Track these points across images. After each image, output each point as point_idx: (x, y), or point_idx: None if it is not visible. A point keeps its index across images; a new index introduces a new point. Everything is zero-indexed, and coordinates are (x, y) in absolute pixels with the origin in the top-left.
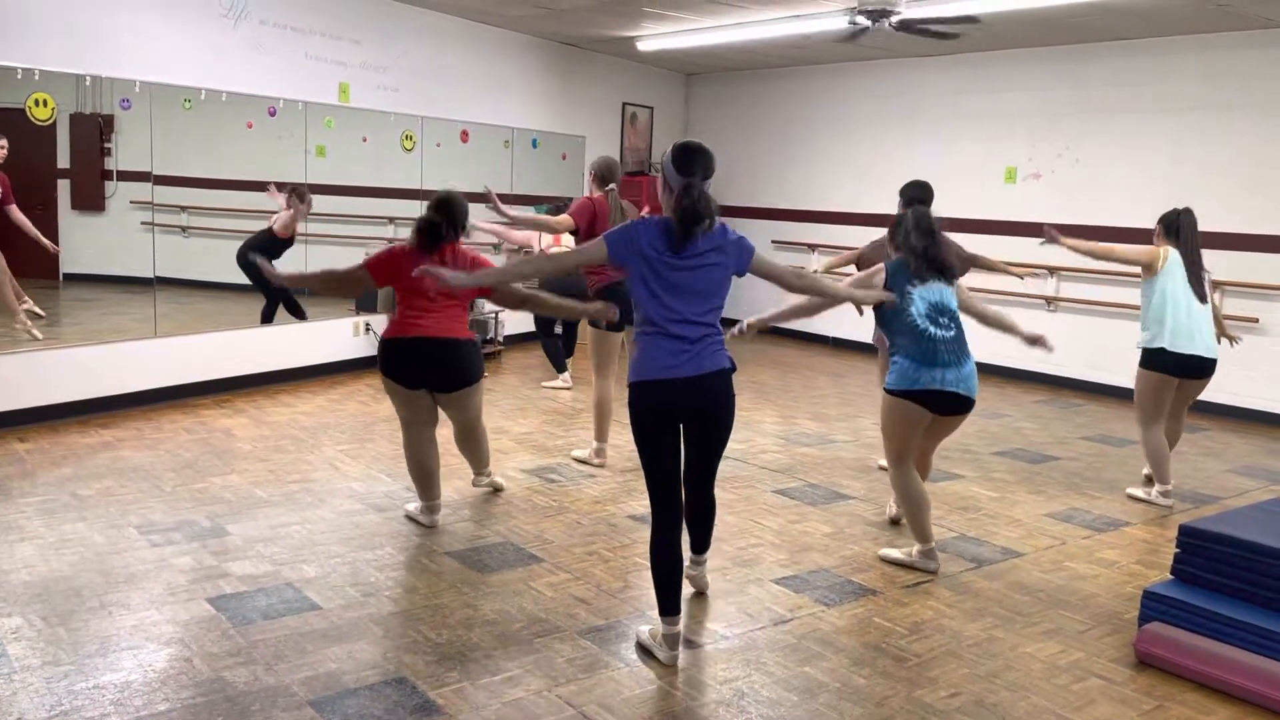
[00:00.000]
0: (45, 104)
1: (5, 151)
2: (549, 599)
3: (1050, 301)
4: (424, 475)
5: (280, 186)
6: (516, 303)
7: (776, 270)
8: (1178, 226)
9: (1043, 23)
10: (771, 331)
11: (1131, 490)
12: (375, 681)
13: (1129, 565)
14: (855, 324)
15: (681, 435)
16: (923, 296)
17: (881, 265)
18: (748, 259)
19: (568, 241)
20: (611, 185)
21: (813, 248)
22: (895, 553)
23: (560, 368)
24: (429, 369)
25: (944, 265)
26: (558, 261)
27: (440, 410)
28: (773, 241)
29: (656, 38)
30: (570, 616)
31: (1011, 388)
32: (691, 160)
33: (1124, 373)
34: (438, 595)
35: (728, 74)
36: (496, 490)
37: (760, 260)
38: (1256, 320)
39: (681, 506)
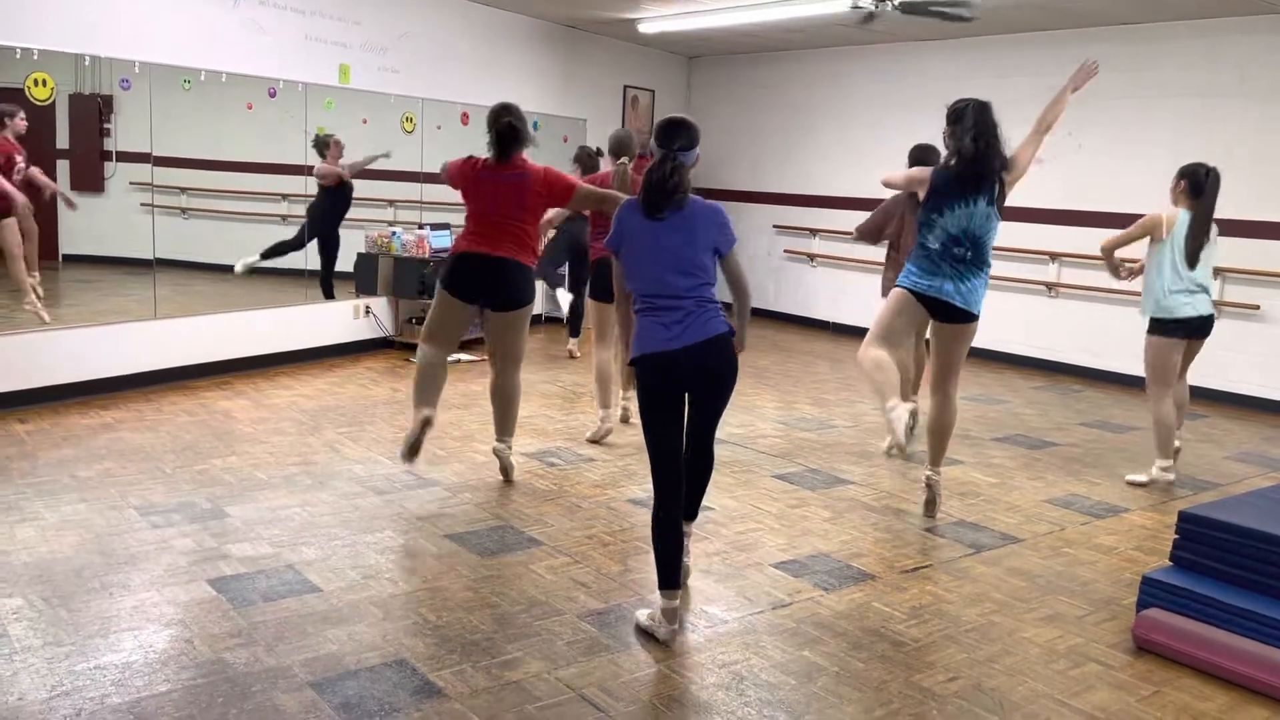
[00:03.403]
0: (44, 84)
1: (24, 124)
2: (549, 582)
3: (1051, 287)
4: (426, 383)
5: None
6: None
7: (737, 277)
8: (1203, 187)
9: (1044, 8)
10: (771, 316)
11: (1131, 476)
12: (375, 663)
13: (1127, 551)
14: (854, 309)
15: (687, 406)
16: (945, 228)
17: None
18: (725, 246)
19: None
20: (623, 159)
21: (814, 232)
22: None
23: (575, 332)
24: (483, 285)
25: (989, 175)
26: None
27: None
28: (774, 226)
29: (658, 20)
30: (570, 599)
31: (1010, 373)
32: (670, 133)
33: (1123, 358)
34: (438, 578)
35: (730, 57)
36: (506, 474)
37: (734, 259)
38: (1257, 307)
39: (683, 484)
